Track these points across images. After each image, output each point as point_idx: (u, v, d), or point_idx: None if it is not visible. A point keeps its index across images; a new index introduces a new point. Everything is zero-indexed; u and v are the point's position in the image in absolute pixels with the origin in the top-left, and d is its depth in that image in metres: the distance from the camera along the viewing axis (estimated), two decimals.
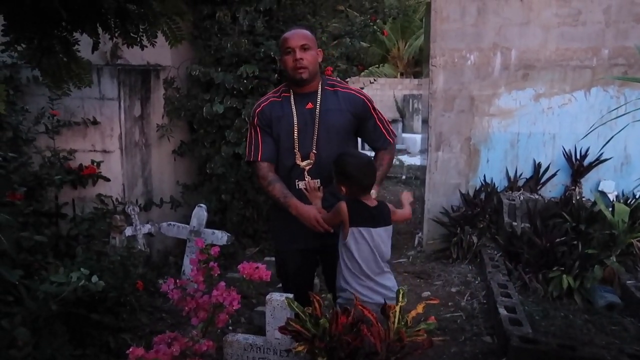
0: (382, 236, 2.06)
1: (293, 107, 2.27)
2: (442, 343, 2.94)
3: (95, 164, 3.73)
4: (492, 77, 4.56)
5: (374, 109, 2.38)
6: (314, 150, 2.25)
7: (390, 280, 2.09)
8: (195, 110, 4.35)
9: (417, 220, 5.19)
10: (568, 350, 2.65)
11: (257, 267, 1.82)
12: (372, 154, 2.47)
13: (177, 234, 3.80)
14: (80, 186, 3.69)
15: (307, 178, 2.25)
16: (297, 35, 2.23)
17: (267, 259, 3.88)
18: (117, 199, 3.75)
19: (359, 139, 2.57)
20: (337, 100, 2.30)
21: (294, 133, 2.25)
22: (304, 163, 2.26)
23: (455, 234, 4.41)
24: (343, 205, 2.04)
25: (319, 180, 2.25)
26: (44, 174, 3.40)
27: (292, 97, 2.29)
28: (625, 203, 4.03)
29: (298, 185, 2.26)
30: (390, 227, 2.12)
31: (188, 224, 3.75)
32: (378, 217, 2.06)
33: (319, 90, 2.29)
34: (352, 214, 2.03)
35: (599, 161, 4.44)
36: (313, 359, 1.64)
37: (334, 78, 2.54)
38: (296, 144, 2.25)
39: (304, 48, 2.20)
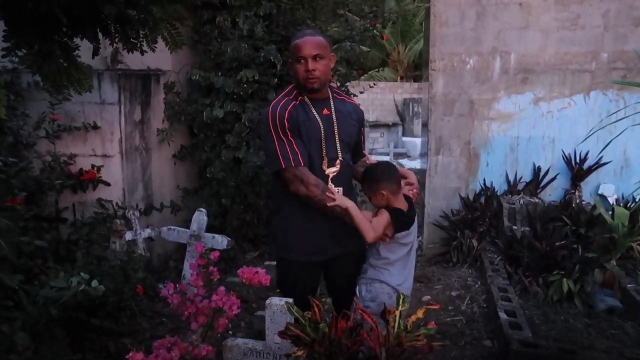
0: (415, 229, 2.31)
1: (314, 111, 2.22)
2: (442, 348, 2.94)
3: (95, 168, 3.74)
4: (491, 81, 4.57)
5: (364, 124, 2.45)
6: (340, 158, 2.22)
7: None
8: (195, 115, 4.36)
9: (417, 224, 5.18)
10: (568, 354, 2.65)
11: (256, 272, 1.82)
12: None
13: (177, 239, 3.80)
14: (80, 191, 3.70)
15: (331, 185, 2.20)
16: (310, 44, 2.14)
17: (267, 263, 3.88)
18: (117, 204, 3.75)
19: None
20: (346, 109, 2.31)
21: (321, 138, 2.20)
22: (330, 169, 2.21)
23: (455, 237, 4.41)
24: (386, 213, 2.16)
25: (342, 188, 2.22)
26: (45, 179, 3.41)
27: (308, 100, 2.24)
28: (625, 206, 4.03)
29: None
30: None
31: (188, 228, 3.75)
32: (413, 218, 2.28)
33: (330, 97, 2.28)
34: (395, 222, 2.17)
35: (598, 165, 4.44)
36: None
37: (334, 86, 2.53)
38: (324, 150, 2.20)
39: (316, 58, 2.13)
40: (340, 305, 2.02)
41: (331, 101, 2.27)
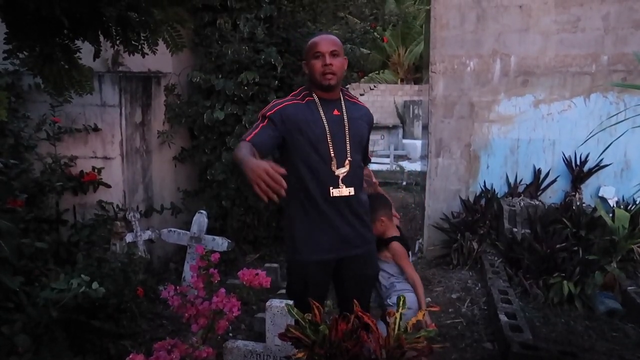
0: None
1: (321, 112, 2.21)
2: (442, 350, 2.94)
3: (96, 170, 3.74)
4: (491, 84, 4.57)
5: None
6: (349, 158, 2.22)
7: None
8: (195, 117, 4.36)
9: (418, 226, 5.18)
10: (569, 356, 2.65)
11: (257, 274, 1.82)
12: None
13: (177, 241, 3.80)
14: (81, 193, 3.70)
15: (342, 185, 2.20)
16: (327, 41, 2.18)
17: (267, 265, 3.89)
18: (117, 206, 3.75)
19: None
20: (358, 111, 2.31)
21: (327, 139, 2.19)
22: (339, 170, 2.20)
23: (455, 240, 4.40)
24: (400, 245, 2.51)
25: (352, 188, 2.22)
26: (45, 181, 3.41)
27: (317, 101, 2.23)
28: (626, 209, 4.03)
29: (332, 193, 2.19)
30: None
31: (188, 230, 3.75)
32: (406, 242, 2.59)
33: (342, 98, 2.28)
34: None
35: (598, 167, 4.44)
36: None
37: (346, 90, 2.53)
38: (331, 151, 2.19)
39: (333, 54, 2.15)
40: (348, 308, 2.02)
41: (342, 102, 2.27)
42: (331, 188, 2.20)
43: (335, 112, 2.24)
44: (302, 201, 2.24)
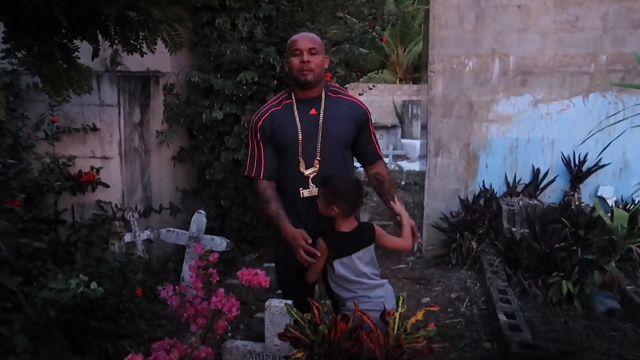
0: (361, 258, 2.12)
1: (296, 114, 2.24)
2: (441, 349, 2.94)
3: (94, 170, 3.73)
4: (490, 83, 4.58)
5: (371, 122, 2.41)
6: (318, 157, 2.23)
7: (382, 290, 2.14)
8: (194, 117, 4.36)
9: (417, 226, 5.17)
10: (568, 356, 2.65)
11: (256, 274, 1.82)
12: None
13: (176, 240, 3.79)
14: (79, 192, 3.69)
15: (312, 186, 2.23)
16: (306, 39, 2.21)
17: (266, 265, 3.88)
18: (116, 205, 3.75)
19: None
20: (340, 108, 2.28)
21: (297, 141, 2.22)
22: (308, 171, 2.23)
23: (454, 239, 4.40)
24: (323, 244, 2.08)
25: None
26: (43, 181, 3.41)
27: (294, 103, 2.26)
28: (624, 208, 4.03)
29: (302, 193, 2.23)
30: (370, 247, 2.17)
31: (187, 230, 3.75)
32: (355, 241, 2.13)
33: (322, 96, 2.27)
34: (333, 249, 2.08)
35: (597, 167, 4.44)
36: None
37: (336, 85, 2.51)
38: (300, 152, 2.22)
39: (311, 52, 2.18)
40: (338, 307, 2.04)
41: (322, 100, 2.26)
42: (301, 189, 2.24)
43: (312, 111, 2.25)
44: (281, 199, 2.30)
